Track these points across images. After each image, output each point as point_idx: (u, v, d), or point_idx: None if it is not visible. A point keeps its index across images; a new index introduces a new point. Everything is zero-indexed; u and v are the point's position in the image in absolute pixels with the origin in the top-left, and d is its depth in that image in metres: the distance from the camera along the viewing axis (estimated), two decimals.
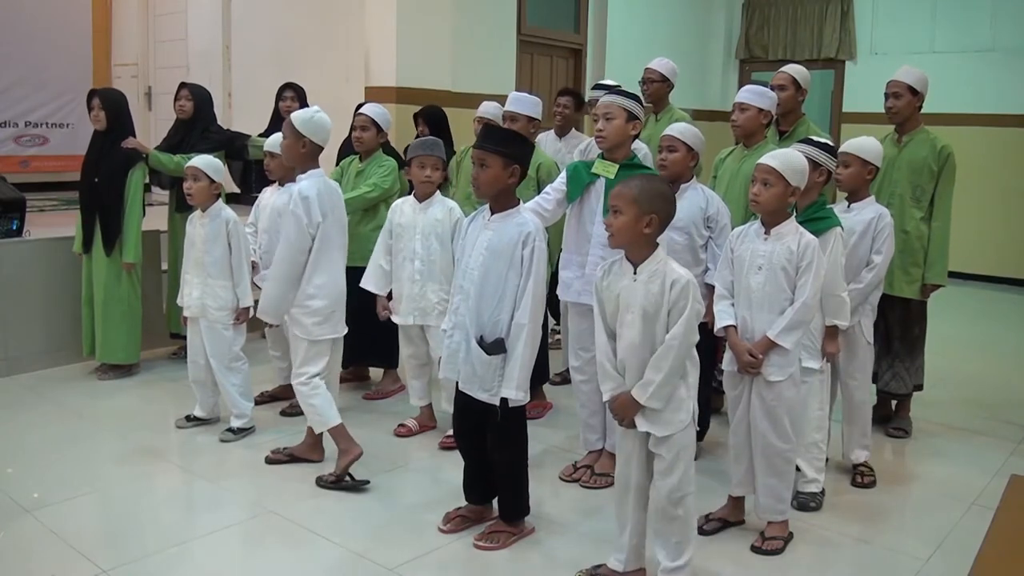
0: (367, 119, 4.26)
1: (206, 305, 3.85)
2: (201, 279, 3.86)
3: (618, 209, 2.50)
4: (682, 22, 9.22)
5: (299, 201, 3.30)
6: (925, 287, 4.03)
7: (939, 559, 2.97)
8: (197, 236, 3.88)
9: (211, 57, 7.39)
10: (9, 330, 4.64)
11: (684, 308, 2.46)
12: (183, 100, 4.87)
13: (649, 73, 4.90)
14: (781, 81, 4.16)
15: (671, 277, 2.48)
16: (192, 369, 3.98)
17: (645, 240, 2.51)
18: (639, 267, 2.52)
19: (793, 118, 4.22)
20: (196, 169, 3.82)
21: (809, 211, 3.12)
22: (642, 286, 2.50)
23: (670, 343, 2.46)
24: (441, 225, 3.73)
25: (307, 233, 3.32)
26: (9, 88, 7.45)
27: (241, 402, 3.90)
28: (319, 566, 2.85)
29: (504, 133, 3.01)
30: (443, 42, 6.46)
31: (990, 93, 8.08)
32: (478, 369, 2.85)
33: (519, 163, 2.85)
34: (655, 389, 2.48)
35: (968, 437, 4.22)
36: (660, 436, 2.54)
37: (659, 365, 2.48)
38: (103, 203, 4.51)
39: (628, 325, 2.53)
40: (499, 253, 2.83)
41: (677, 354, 2.47)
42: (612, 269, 2.61)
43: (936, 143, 3.98)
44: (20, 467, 3.52)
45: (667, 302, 2.48)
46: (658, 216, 2.49)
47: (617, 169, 3.28)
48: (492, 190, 2.87)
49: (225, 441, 3.84)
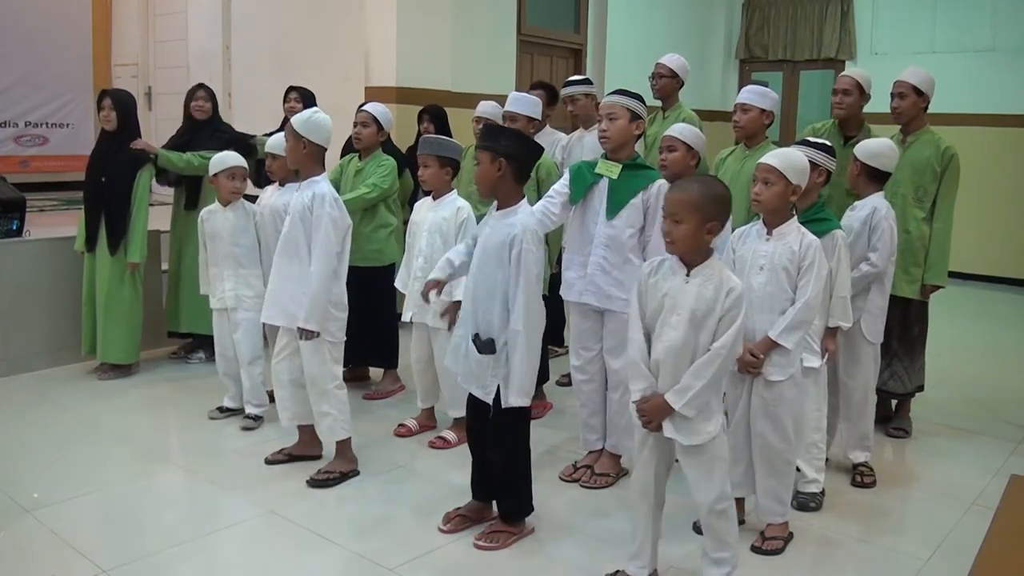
0: (368, 115, 4.27)
1: (241, 295, 3.96)
2: (233, 270, 3.96)
3: (679, 218, 2.41)
4: (682, 22, 9.21)
5: (334, 203, 3.31)
6: (925, 287, 4.03)
7: (939, 559, 2.97)
8: (223, 229, 3.97)
9: (211, 57, 7.38)
10: (9, 330, 4.65)
11: (736, 317, 2.40)
12: (201, 101, 4.91)
13: (659, 68, 4.86)
14: (845, 85, 4.06)
15: (728, 284, 2.42)
16: (221, 363, 4.08)
17: (706, 247, 2.45)
18: (693, 269, 2.46)
19: (857, 123, 4.10)
20: (246, 171, 4.03)
21: (809, 212, 3.12)
22: (695, 289, 2.44)
23: (718, 351, 2.40)
24: (447, 223, 3.73)
25: (341, 234, 3.35)
26: (9, 88, 7.45)
27: (262, 391, 4.02)
28: (319, 566, 2.85)
29: (496, 129, 2.99)
30: (443, 42, 6.46)
31: (990, 93, 8.08)
32: (474, 366, 2.88)
33: (506, 157, 2.83)
34: (692, 396, 2.41)
35: (968, 437, 4.22)
36: (685, 445, 2.47)
37: (701, 373, 2.41)
38: (109, 202, 4.51)
39: (672, 326, 2.46)
40: (490, 252, 2.85)
41: (722, 364, 2.41)
42: (662, 267, 2.52)
43: (940, 144, 3.97)
44: (20, 467, 3.52)
45: (720, 309, 2.41)
46: (719, 222, 2.43)
47: (620, 169, 3.28)
48: (485, 186, 2.89)
49: (247, 428, 3.96)
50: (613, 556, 2.82)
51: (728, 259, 3.01)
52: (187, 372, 4.83)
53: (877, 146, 3.54)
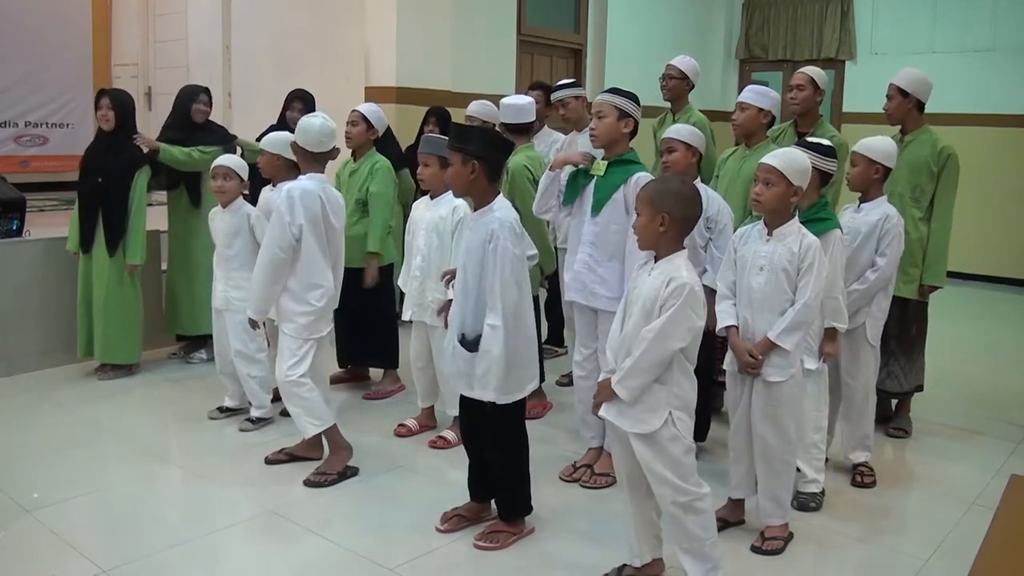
0: (358, 115, 4.30)
1: (229, 297, 3.97)
2: (224, 272, 3.99)
3: (637, 211, 2.56)
4: (682, 22, 9.21)
5: (284, 199, 3.34)
6: (923, 288, 4.03)
7: (939, 559, 2.97)
8: (219, 231, 4.01)
9: (211, 57, 7.38)
10: (9, 330, 4.64)
11: (671, 307, 2.44)
12: (204, 105, 4.89)
13: (669, 69, 4.86)
14: (799, 81, 4.13)
15: (673, 275, 2.47)
16: (220, 362, 4.11)
17: (664, 239, 2.52)
18: (657, 263, 2.54)
19: (812, 119, 4.18)
20: (229, 169, 3.96)
21: (809, 212, 3.12)
22: (651, 281, 2.51)
23: (644, 335, 2.46)
24: (443, 222, 3.73)
25: (288, 231, 3.33)
26: (9, 88, 7.44)
27: (260, 393, 4.00)
28: (319, 566, 2.85)
29: (465, 130, 2.98)
30: (443, 42, 6.46)
31: (990, 93, 8.07)
32: (462, 366, 2.89)
33: (478, 158, 2.83)
34: (623, 376, 2.48)
35: (968, 437, 4.22)
36: (628, 431, 2.52)
37: (632, 355, 2.48)
38: (107, 203, 4.51)
39: (630, 316, 2.55)
40: (472, 252, 2.86)
41: (649, 348, 2.44)
42: (647, 264, 2.60)
43: (937, 144, 3.96)
44: (20, 467, 3.52)
45: (660, 298, 2.46)
46: (671, 216, 2.49)
47: (606, 166, 3.29)
48: (459, 187, 2.91)
49: (244, 431, 3.95)
50: (613, 556, 2.82)
51: (729, 259, 3.02)
52: (187, 372, 4.83)
53: (886, 145, 3.51)
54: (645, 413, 2.51)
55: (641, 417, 2.51)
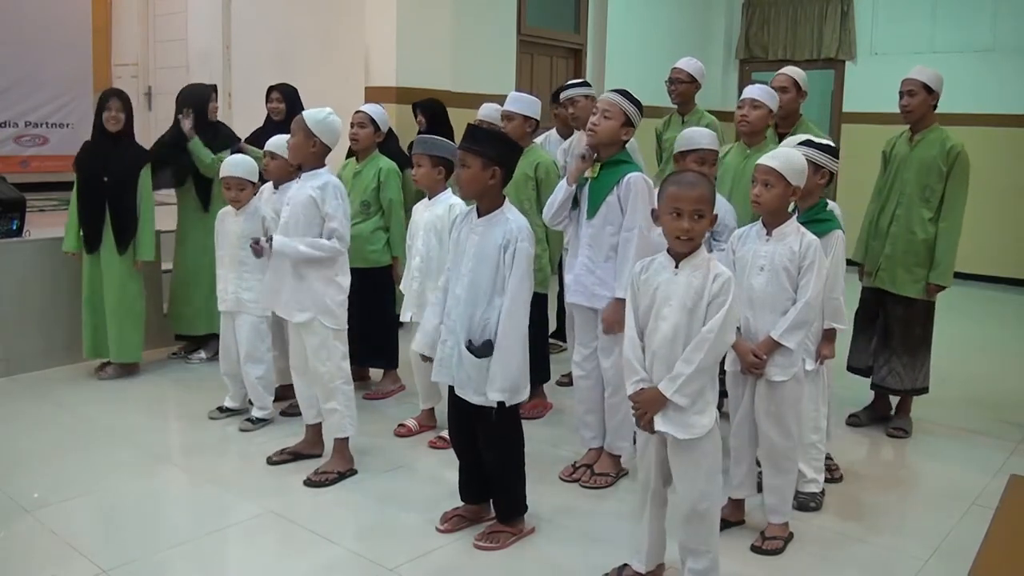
0: (365, 116, 4.25)
1: (241, 299, 3.96)
2: (236, 273, 3.97)
3: (700, 213, 2.44)
4: (682, 22, 9.21)
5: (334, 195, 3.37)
6: (930, 287, 4.01)
7: (939, 559, 2.97)
8: (232, 233, 3.99)
9: (211, 57, 7.39)
10: (9, 330, 4.64)
11: (724, 303, 2.40)
12: (215, 103, 4.92)
13: (677, 73, 4.83)
14: (782, 83, 4.13)
15: (715, 271, 2.44)
16: (224, 363, 4.10)
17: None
18: (681, 262, 2.48)
19: (792, 120, 4.19)
20: (241, 180, 3.95)
21: (810, 213, 3.12)
22: (684, 279, 2.45)
23: (705, 335, 2.40)
24: (440, 222, 3.73)
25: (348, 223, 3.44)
26: (9, 88, 7.44)
27: (263, 393, 4.00)
28: (319, 566, 2.85)
29: (485, 133, 2.95)
30: (443, 42, 6.46)
31: (991, 93, 8.07)
32: (472, 373, 2.84)
33: (500, 165, 2.81)
34: (684, 382, 2.40)
35: (968, 437, 4.22)
36: (681, 439, 2.45)
37: (691, 358, 2.41)
38: (115, 203, 4.51)
39: (663, 317, 2.47)
40: (485, 257, 2.82)
41: (711, 348, 2.40)
42: (652, 264, 2.54)
43: (946, 143, 3.93)
44: (20, 467, 3.52)
45: (708, 295, 2.42)
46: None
47: (599, 168, 3.28)
48: (473, 191, 2.85)
49: (244, 431, 3.94)
50: (613, 556, 2.82)
51: (728, 260, 3.01)
52: (188, 372, 4.83)
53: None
54: (695, 416, 2.45)
55: (691, 421, 2.44)
